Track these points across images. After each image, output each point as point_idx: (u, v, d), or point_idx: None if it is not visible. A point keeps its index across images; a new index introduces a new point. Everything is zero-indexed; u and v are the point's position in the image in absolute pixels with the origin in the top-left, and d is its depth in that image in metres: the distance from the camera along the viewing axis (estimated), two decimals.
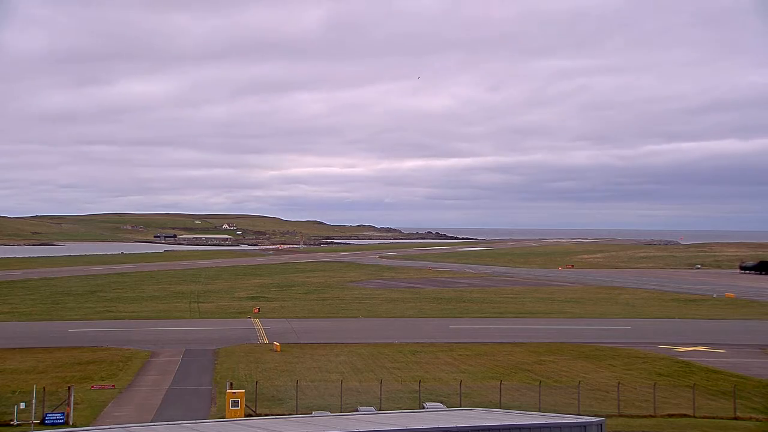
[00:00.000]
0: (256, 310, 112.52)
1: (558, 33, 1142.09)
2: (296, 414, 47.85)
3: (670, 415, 51.65)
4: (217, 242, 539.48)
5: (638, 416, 51.45)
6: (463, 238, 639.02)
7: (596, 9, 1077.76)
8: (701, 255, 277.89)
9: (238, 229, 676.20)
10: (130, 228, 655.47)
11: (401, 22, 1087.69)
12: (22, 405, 49.83)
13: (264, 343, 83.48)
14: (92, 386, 60.41)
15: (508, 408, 46.43)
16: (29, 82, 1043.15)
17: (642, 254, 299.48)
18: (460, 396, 54.02)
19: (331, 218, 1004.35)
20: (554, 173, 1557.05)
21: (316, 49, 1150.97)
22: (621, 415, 51.27)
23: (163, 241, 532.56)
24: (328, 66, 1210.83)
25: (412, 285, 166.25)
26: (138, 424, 35.50)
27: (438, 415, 34.77)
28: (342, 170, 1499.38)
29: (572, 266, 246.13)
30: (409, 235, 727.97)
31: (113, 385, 60.63)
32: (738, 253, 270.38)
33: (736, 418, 51.03)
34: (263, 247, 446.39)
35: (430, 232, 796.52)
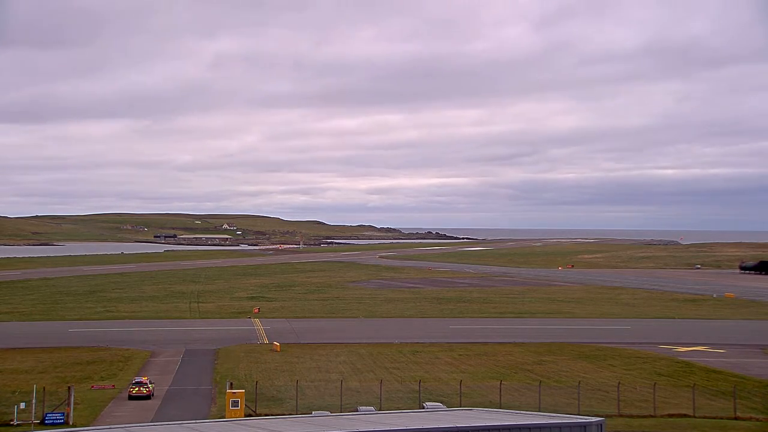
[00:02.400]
0: (256, 310, 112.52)
1: None
2: (296, 414, 47.83)
3: (670, 415, 51.64)
4: (217, 242, 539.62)
5: (638, 416, 51.45)
6: (463, 239, 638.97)
7: None
8: (701, 255, 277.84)
9: (238, 229, 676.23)
10: (130, 228, 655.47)
11: None
12: (22, 405, 49.83)
13: (264, 343, 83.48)
14: (92, 386, 60.43)
15: (508, 408, 46.42)
16: None
17: (642, 254, 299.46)
18: (460, 396, 54.01)
19: (331, 218, 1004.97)
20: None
21: None
22: (621, 415, 51.27)
23: (163, 241, 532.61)
24: None
25: (412, 285, 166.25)
26: (138, 424, 35.49)
27: (438, 415, 34.76)
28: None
29: (572, 266, 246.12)
30: (409, 235, 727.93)
31: (113, 385, 60.64)
32: (738, 253, 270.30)
33: (736, 418, 51.02)
34: (263, 247, 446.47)
35: (430, 232, 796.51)
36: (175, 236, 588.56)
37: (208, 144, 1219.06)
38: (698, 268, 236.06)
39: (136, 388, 56.32)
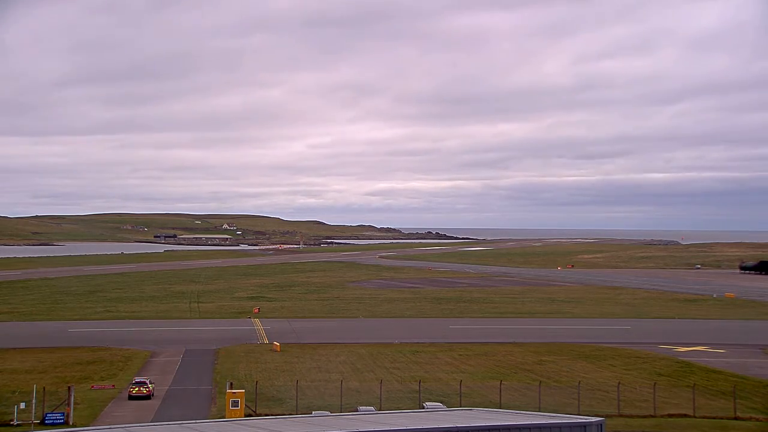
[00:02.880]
0: (256, 310, 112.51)
1: None
2: (296, 414, 47.82)
3: (670, 415, 51.64)
4: (217, 242, 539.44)
5: (638, 416, 51.45)
6: (463, 239, 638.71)
7: None
8: (701, 255, 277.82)
9: (238, 229, 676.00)
10: (130, 228, 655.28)
11: None
12: (22, 405, 49.82)
13: (264, 343, 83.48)
14: (92, 386, 60.42)
15: (508, 408, 46.42)
16: None
17: (642, 254, 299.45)
18: (460, 396, 54.01)
19: (331, 218, 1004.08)
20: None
21: None
22: (621, 415, 51.26)
23: (163, 241, 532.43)
24: None
25: (412, 285, 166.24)
26: (138, 424, 35.49)
27: (438, 415, 34.76)
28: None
29: (572, 266, 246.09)
30: (409, 235, 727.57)
31: (113, 385, 60.64)
32: (738, 253, 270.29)
33: (736, 418, 51.02)
34: (263, 247, 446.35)
35: (430, 232, 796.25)
36: (175, 236, 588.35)
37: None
38: (698, 268, 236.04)
39: (136, 388, 56.33)
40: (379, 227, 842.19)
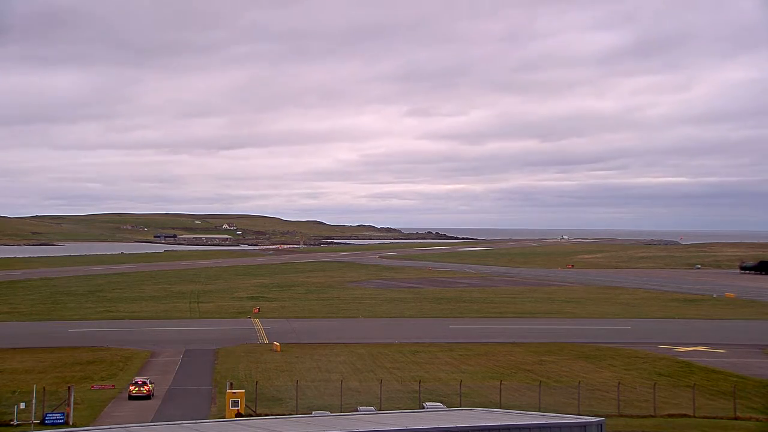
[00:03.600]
0: (256, 310, 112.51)
1: None
2: (296, 414, 47.82)
3: (670, 415, 51.63)
4: (217, 242, 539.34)
5: (638, 416, 51.43)
6: (463, 239, 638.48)
7: None
8: (701, 255, 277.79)
9: (238, 229, 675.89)
10: (130, 228, 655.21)
11: None
12: (22, 405, 49.82)
13: (264, 343, 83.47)
14: (92, 386, 60.42)
15: (508, 408, 46.41)
16: None
17: (642, 254, 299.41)
18: (460, 396, 54.01)
19: (331, 218, 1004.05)
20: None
21: None
22: (621, 415, 51.24)
23: (163, 241, 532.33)
24: None
25: (412, 285, 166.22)
26: (138, 424, 35.47)
27: (438, 415, 34.74)
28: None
29: (572, 266, 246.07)
30: (409, 236, 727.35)
31: (113, 385, 60.63)
32: (738, 253, 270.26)
33: (736, 418, 51.01)
34: (263, 247, 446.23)
35: (430, 232, 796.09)
36: (175, 236, 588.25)
37: None
38: (698, 268, 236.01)
39: (136, 388, 56.33)
40: (379, 227, 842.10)
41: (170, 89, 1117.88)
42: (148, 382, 57.42)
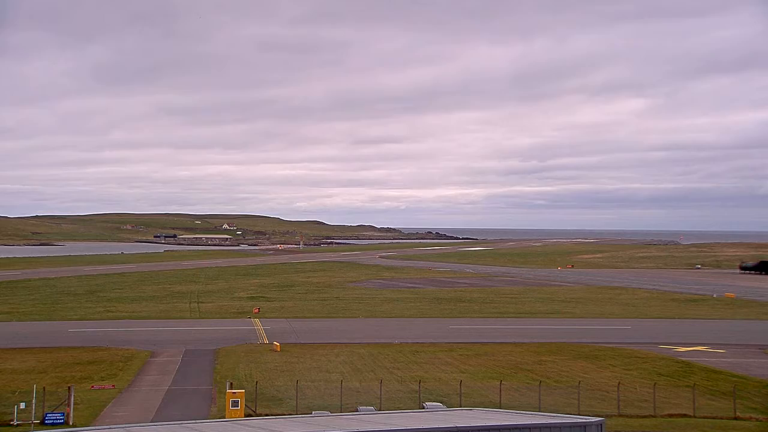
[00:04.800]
0: (256, 310, 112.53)
1: None
2: (296, 414, 47.84)
3: (670, 415, 51.63)
4: (217, 242, 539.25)
5: (638, 416, 51.44)
6: (463, 239, 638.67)
7: None
8: (701, 255, 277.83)
9: (238, 229, 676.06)
10: (130, 228, 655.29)
11: None
12: (22, 405, 49.83)
13: (264, 343, 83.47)
14: (92, 386, 60.40)
15: (508, 408, 46.43)
16: None
17: (642, 254, 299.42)
18: (460, 396, 54.00)
19: (331, 218, 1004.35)
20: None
21: None
22: (621, 415, 51.25)
23: (163, 241, 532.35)
24: None
25: (412, 285, 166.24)
26: (138, 424, 35.48)
27: (438, 415, 34.75)
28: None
29: (572, 266, 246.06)
30: (409, 236, 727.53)
31: (113, 385, 60.62)
32: (738, 253, 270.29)
33: (736, 418, 51.02)
34: (263, 247, 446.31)
35: (430, 232, 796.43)
36: (175, 236, 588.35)
37: None
38: (698, 268, 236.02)
39: None
40: (379, 227, 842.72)
41: None
42: None
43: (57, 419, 49.04)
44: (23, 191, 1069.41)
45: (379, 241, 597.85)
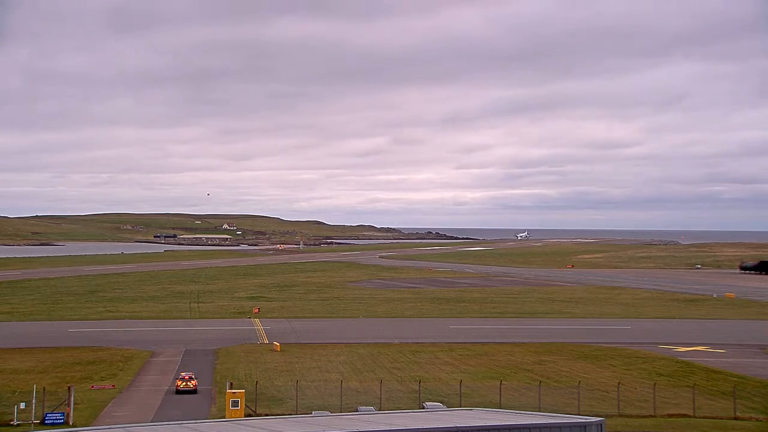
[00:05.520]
0: (256, 310, 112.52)
1: None
2: (296, 414, 47.84)
3: (670, 415, 51.64)
4: (217, 242, 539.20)
5: (638, 416, 51.45)
6: (463, 239, 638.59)
7: None
8: (701, 255, 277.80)
9: (238, 229, 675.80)
10: (130, 228, 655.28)
11: None
12: (22, 405, 49.85)
13: (264, 343, 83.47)
14: (92, 386, 60.41)
15: (508, 408, 46.43)
16: None
17: (642, 254, 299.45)
18: (460, 396, 54.01)
19: (331, 218, 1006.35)
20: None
21: None
22: (621, 415, 51.26)
23: (163, 241, 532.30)
24: None
25: (412, 285, 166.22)
26: (138, 424, 35.49)
27: (438, 415, 34.76)
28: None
29: (572, 266, 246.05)
30: (409, 236, 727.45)
31: (113, 385, 60.63)
32: (738, 253, 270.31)
33: (736, 418, 51.03)
34: (263, 247, 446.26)
35: (430, 233, 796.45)
36: (175, 236, 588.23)
37: None
38: (698, 268, 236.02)
39: (183, 383, 58.22)
40: (379, 227, 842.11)
41: None
42: (193, 377, 58.72)
43: (57, 419, 49.06)
44: (23, 192, 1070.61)
45: (379, 241, 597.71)
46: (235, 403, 50.26)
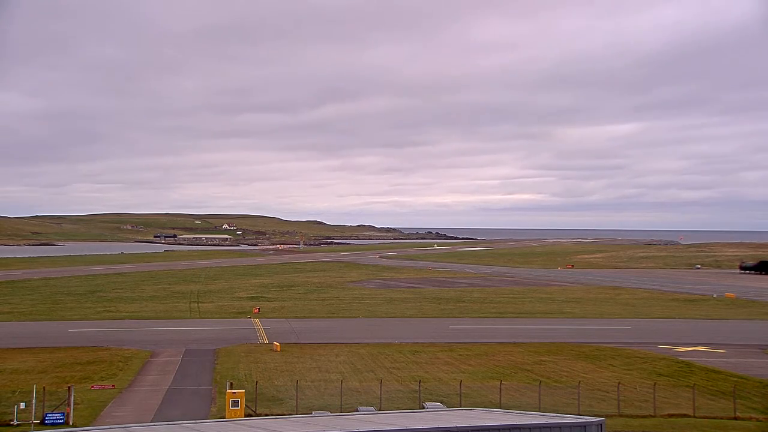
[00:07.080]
0: (256, 310, 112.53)
1: None
2: (296, 414, 47.83)
3: (670, 415, 51.63)
4: (217, 242, 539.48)
5: (638, 416, 51.42)
6: (463, 239, 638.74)
7: None
8: (701, 255, 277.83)
9: (238, 229, 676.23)
10: (130, 228, 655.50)
11: None
12: (22, 405, 49.84)
13: (264, 343, 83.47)
14: (92, 386, 60.38)
15: (508, 408, 46.43)
16: None
17: (642, 254, 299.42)
18: (460, 396, 54.00)
19: (331, 218, 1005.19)
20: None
21: None
22: (621, 415, 51.23)
23: (163, 241, 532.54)
24: None
25: (412, 285, 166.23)
26: (138, 424, 35.47)
27: (438, 415, 34.75)
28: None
29: (572, 266, 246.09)
30: (409, 236, 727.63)
31: (113, 385, 60.61)
32: (738, 253, 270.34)
33: (736, 418, 51.01)
34: (263, 247, 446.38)
35: (430, 232, 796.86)
36: (175, 236, 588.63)
37: None
38: (698, 268, 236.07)
39: None
40: (379, 227, 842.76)
41: None
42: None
43: (57, 419, 49.04)
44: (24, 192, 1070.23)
45: (379, 241, 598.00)
46: (235, 403, 50.24)
